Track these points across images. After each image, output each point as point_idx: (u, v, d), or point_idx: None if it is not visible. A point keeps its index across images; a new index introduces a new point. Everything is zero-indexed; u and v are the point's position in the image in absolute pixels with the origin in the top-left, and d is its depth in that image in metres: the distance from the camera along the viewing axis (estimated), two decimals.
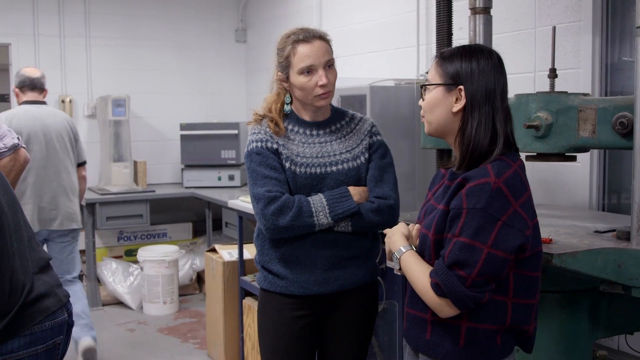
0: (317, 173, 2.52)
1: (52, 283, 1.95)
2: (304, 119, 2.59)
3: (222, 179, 6.29)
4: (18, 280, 1.82)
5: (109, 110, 5.99)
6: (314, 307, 2.55)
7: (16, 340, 1.76)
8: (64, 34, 6.43)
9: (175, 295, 5.84)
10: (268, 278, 2.57)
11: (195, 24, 6.97)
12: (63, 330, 1.91)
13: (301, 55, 2.47)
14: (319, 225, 2.45)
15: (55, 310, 1.88)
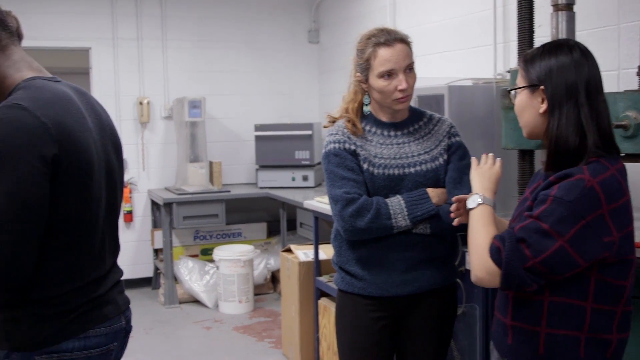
0: (395, 174, 2.50)
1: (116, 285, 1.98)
2: (381, 119, 2.57)
3: (296, 180, 6.33)
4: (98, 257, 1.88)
5: (185, 112, 6.09)
6: (391, 309, 2.53)
7: (71, 341, 1.79)
8: (142, 37, 6.57)
9: (250, 295, 5.90)
10: (346, 279, 2.57)
11: (269, 25, 7.03)
12: (118, 337, 1.92)
13: (382, 59, 2.44)
14: (397, 228, 2.43)
15: (113, 317, 1.90)
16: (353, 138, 2.52)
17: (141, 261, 6.54)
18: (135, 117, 6.50)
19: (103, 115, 1.97)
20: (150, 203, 6.63)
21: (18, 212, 1.63)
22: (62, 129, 1.70)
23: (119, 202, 2.00)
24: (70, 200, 1.74)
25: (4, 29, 1.82)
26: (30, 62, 1.87)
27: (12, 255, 1.63)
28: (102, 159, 1.87)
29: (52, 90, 1.79)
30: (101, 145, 1.88)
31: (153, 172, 6.62)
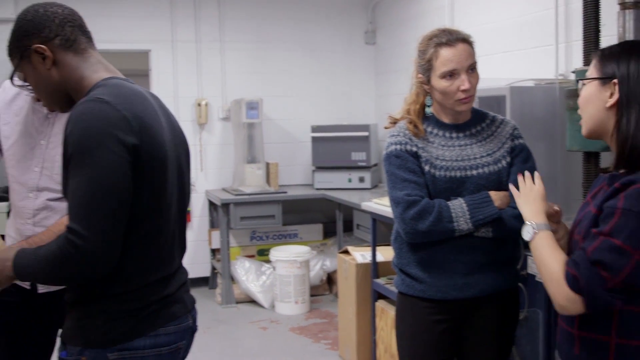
0: (457, 177, 2.47)
1: (184, 285, 2.01)
2: (443, 121, 2.54)
3: (352, 181, 6.32)
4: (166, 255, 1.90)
5: (243, 113, 6.13)
6: (452, 313, 2.51)
7: (142, 339, 1.82)
8: (200, 39, 6.64)
9: (306, 296, 5.91)
10: (406, 281, 2.55)
11: (325, 26, 7.03)
12: (186, 336, 1.96)
13: (444, 59, 2.42)
14: (459, 231, 2.40)
15: (181, 316, 1.93)
16: (415, 139, 2.50)
17: (199, 261, 6.61)
18: (194, 119, 6.58)
19: (172, 118, 2.02)
20: (207, 203, 6.70)
21: (104, 200, 1.68)
22: (140, 122, 1.76)
23: (187, 204, 2.04)
24: (147, 193, 1.78)
25: (83, 33, 1.91)
26: (107, 65, 1.94)
27: (100, 243, 1.68)
28: (174, 158, 1.91)
29: (129, 88, 1.86)
30: (173, 146, 1.92)
31: (211, 173, 6.68)
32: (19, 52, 1.88)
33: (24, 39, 1.86)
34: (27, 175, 2.52)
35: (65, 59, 1.87)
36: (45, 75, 1.88)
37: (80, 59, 1.88)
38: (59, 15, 1.88)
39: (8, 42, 1.92)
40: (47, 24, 1.85)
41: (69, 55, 1.87)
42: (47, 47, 1.85)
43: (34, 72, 1.89)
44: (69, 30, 1.87)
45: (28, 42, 1.85)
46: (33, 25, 1.85)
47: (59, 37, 1.85)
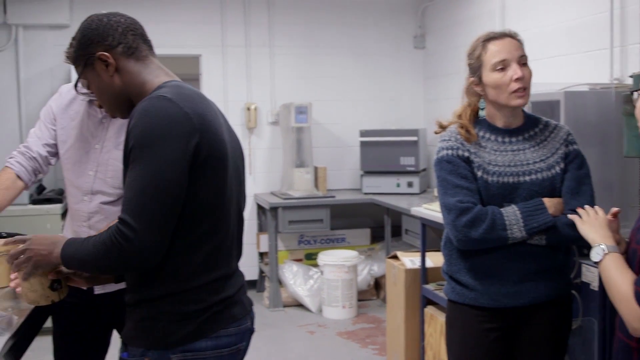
0: (509, 182, 2.44)
1: (242, 287, 2.03)
2: (496, 125, 2.51)
3: (400, 186, 6.29)
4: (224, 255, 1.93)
5: (292, 117, 6.16)
6: (504, 321, 2.47)
7: (204, 341, 1.84)
8: (249, 44, 6.69)
9: (354, 300, 5.90)
10: (456, 289, 2.52)
11: (374, 30, 7.02)
12: (245, 337, 1.98)
13: (493, 51, 2.40)
14: (512, 239, 2.37)
15: (241, 318, 1.95)
16: (466, 144, 2.47)
17: (247, 264, 6.62)
18: (243, 123, 6.62)
19: (228, 122, 2.05)
20: (256, 207, 6.74)
21: (158, 196, 1.72)
22: (202, 120, 1.80)
23: (243, 206, 2.08)
24: (206, 191, 1.82)
25: (144, 41, 1.98)
26: (167, 71, 2.00)
27: (149, 237, 1.71)
28: (233, 160, 1.94)
29: (190, 88, 1.91)
30: (231, 148, 1.95)
31: (259, 177, 6.72)
32: (83, 60, 1.94)
33: (89, 47, 1.92)
34: (81, 179, 2.57)
35: (127, 66, 1.92)
36: (108, 82, 1.93)
37: (142, 66, 1.94)
38: (122, 24, 1.94)
39: (73, 50, 1.99)
40: (111, 33, 1.91)
41: (131, 62, 1.92)
42: (110, 54, 1.90)
43: (98, 79, 1.94)
44: (131, 38, 1.93)
45: (92, 50, 1.91)
46: (97, 34, 1.91)
47: (122, 45, 1.91)
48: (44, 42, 6.24)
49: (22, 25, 6.15)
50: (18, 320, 2.08)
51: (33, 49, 6.23)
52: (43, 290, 2.00)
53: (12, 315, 2.05)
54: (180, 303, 1.82)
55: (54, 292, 2.02)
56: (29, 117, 6.18)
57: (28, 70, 6.23)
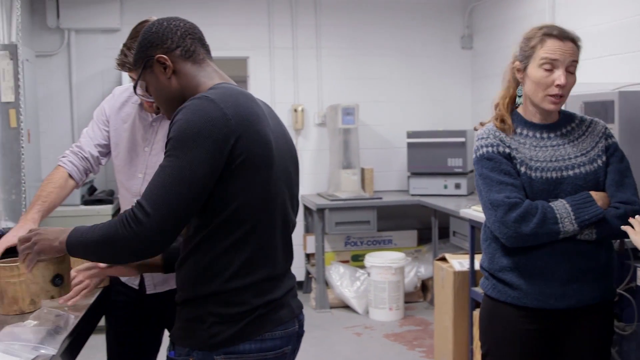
0: (553, 177, 2.40)
1: (290, 290, 2.01)
2: (532, 121, 2.47)
3: (448, 187, 6.25)
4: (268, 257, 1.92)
5: (339, 119, 6.16)
6: (548, 322, 2.42)
7: (248, 343, 1.84)
8: (297, 46, 6.72)
9: (400, 302, 5.88)
10: (497, 287, 2.47)
11: (421, 31, 6.98)
12: (292, 341, 1.96)
13: (548, 48, 2.35)
14: (564, 233, 2.32)
15: (287, 321, 1.94)
16: (506, 141, 2.44)
17: (294, 265, 6.58)
18: (290, 124, 6.65)
19: (282, 125, 2.06)
20: (303, 208, 6.76)
21: (179, 190, 1.74)
22: (242, 122, 1.81)
23: (294, 209, 2.05)
24: (249, 192, 1.82)
25: (202, 45, 2.01)
26: (222, 74, 2.02)
27: (158, 226, 1.74)
28: (282, 163, 1.94)
29: (238, 90, 1.92)
30: (281, 151, 1.95)
31: (306, 178, 6.74)
32: (142, 62, 1.98)
33: (148, 49, 1.96)
34: (132, 181, 2.61)
35: (184, 69, 1.95)
36: (165, 84, 1.96)
37: (198, 69, 1.97)
38: (181, 28, 1.97)
39: (134, 52, 2.03)
40: (170, 36, 1.95)
41: (188, 65, 1.96)
42: (168, 57, 1.94)
43: (156, 80, 1.98)
44: (189, 42, 1.96)
45: (151, 53, 1.95)
46: (157, 37, 1.95)
47: (180, 48, 1.95)
48: (95, 46, 6.36)
49: (74, 29, 6.28)
50: (74, 320, 2.11)
51: (84, 53, 6.36)
52: (44, 282, 2.03)
53: (69, 314, 2.09)
54: (223, 305, 1.84)
55: (55, 287, 2.03)
56: (80, 119, 6.31)
57: (80, 74, 6.36)
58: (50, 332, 1.93)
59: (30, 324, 1.99)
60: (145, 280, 2.64)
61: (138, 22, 2.53)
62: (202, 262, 1.85)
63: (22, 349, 1.80)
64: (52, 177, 2.63)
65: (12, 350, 1.79)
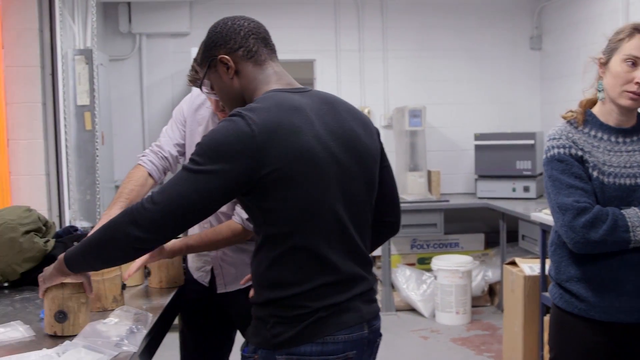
0: (627, 184, 2.31)
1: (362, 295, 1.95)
2: (608, 124, 2.39)
3: (516, 190, 6.16)
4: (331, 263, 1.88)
5: (406, 121, 6.14)
6: (617, 336, 2.34)
7: (309, 345, 1.83)
8: (363, 48, 6.72)
9: (467, 306, 5.81)
10: (565, 297, 2.40)
11: (489, 33, 6.90)
12: (358, 346, 1.91)
13: (634, 44, 2.28)
14: (635, 242, 2.24)
15: (353, 325, 1.89)
16: (579, 143, 2.36)
17: None
18: None
19: (352, 123, 1.97)
20: None
21: (190, 193, 1.76)
22: (271, 137, 1.77)
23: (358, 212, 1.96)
24: (287, 205, 1.79)
25: (265, 45, 2.00)
26: (281, 76, 1.99)
27: (161, 218, 1.77)
28: (337, 167, 1.87)
29: (279, 100, 1.87)
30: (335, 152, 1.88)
31: None
32: (207, 61, 2.01)
33: (212, 49, 1.98)
34: None
35: (245, 70, 1.96)
36: (228, 84, 1.98)
37: (258, 70, 1.96)
38: (245, 28, 1.97)
39: (199, 52, 2.06)
40: (233, 36, 1.96)
41: (249, 66, 1.96)
42: (230, 57, 1.95)
43: (219, 80, 2.00)
44: (252, 42, 1.96)
45: (215, 52, 1.98)
46: (221, 37, 1.97)
47: (242, 49, 1.95)
48: (165, 50, 6.49)
49: (145, 34, 6.43)
50: (153, 318, 2.16)
51: (155, 57, 6.50)
52: (50, 316, 2.05)
53: (148, 313, 2.13)
54: (283, 308, 1.83)
55: (58, 323, 2.03)
56: (150, 121, 6.46)
57: (150, 77, 6.50)
58: (131, 330, 1.98)
59: (112, 322, 2.04)
60: (217, 279, 2.68)
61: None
62: (259, 269, 1.87)
63: (105, 346, 1.85)
64: (132, 175, 2.69)
65: (95, 346, 1.84)
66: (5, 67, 4.11)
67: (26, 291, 2.64)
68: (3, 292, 2.65)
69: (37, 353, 1.84)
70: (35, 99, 4.21)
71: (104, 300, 2.27)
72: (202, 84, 2.10)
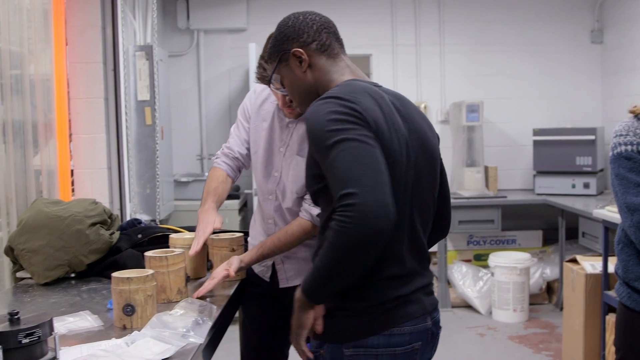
0: None
1: (423, 288, 1.97)
2: None
3: (576, 187, 6.05)
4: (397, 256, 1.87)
5: (463, 116, 6.08)
6: None
7: (376, 337, 1.84)
8: (420, 43, 6.68)
9: (525, 304, 5.73)
10: (633, 296, 2.35)
11: (548, 26, 6.78)
12: (423, 337, 1.92)
13: None
14: None
15: (417, 317, 1.90)
16: None
17: None
18: None
19: (421, 122, 1.98)
20: None
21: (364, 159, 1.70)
22: (370, 116, 1.78)
23: (425, 210, 1.96)
24: None
25: (337, 40, 2.03)
26: (354, 70, 2.02)
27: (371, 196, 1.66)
28: (409, 160, 1.87)
29: (364, 86, 1.89)
30: (410, 148, 1.88)
31: None
32: (278, 55, 2.02)
33: (284, 43, 2.00)
34: (267, 179, 2.66)
35: (319, 63, 1.98)
36: (300, 77, 2.00)
37: (332, 63, 1.98)
38: (317, 22, 2.00)
39: (268, 46, 2.07)
40: (306, 30, 1.98)
41: (323, 59, 1.98)
42: (304, 50, 1.97)
43: (291, 74, 2.02)
44: (325, 36, 1.99)
45: (288, 46, 1.99)
46: (293, 31, 1.99)
47: (316, 42, 1.97)
48: (223, 46, 6.56)
49: (203, 30, 6.50)
50: (217, 310, 2.18)
51: (212, 53, 6.57)
52: (118, 310, 2.08)
53: (212, 305, 2.15)
54: (350, 300, 1.84)
55: (126, 316, 2.06)
56: (207, 116, 6.54)
57: (208, 73, 6.57)
58: (197, 322, 2.01)
59: (177, 313, 2.07)
60: (278, 274, 2.70)
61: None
62: None
63: (172, 337, 1.88)
64: (212, 175, 2.76)
65: (163, 337, 1.87)
66: (69, 63, 4.19)
67: (92, 282, 2.70)
68: (70, 282, 2.71)
69: (107, 342, 1.88)
70: (98, 95, 4.28)
71: (169, 292, 2.30)
72: (271, 78, 2.11)
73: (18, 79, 3.41)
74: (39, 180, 3.61)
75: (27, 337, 1.66)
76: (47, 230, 2.70)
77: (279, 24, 2.05)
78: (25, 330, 1.66)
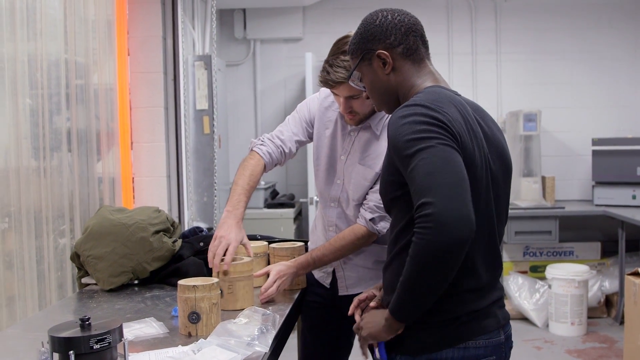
0: None
1: (497, 301, 1.94)
2: None
3: (637, 198, 5.92)
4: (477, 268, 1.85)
5: (520, 125, 6.01)
6: None
7: (450, 350, 1.82)
8: (476, 52, 6.63)
9: (583, 317, 5.62)
10: None
11: (607, 34, 6.65)
12: (497, 352, 1.89)
13: None
14: None
15: (492, 331, 1.87)
16: None
17: None
18: None
19: (498, 134, 1.96)
20: None
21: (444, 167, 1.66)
22: (455, 127, 1.75)
23: (500, 218, 1.94)
24: None
25: (423, 43, 1.97)
26: (436, 76, 1.96)
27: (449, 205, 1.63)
28: (488, 172, 1.85)
29: (448, 95, 1.85)
30: (490, 160, 1.87)
31: None
32: (361, 53, 1.96)
33: (370, 42, 1.94)
34: (329, 186, 2.66)
35: (403, 67, 1.92)
36: (382, 79, 1.94)
37: (416, 69, 1.92)
38: (405, 24, 1.92)
39: (351, 41, 2.01)
40: (394, 32, 1.90)
41: (407, 64, 1.92)
42: (389, 53, 1.91)
43: (373, 74, 1.96)
44: (412, 39, 1.92)
45: (372, 46, 1.93)
46: (381, 31, 1.91)
47: (402, 46, 1.90)
48: (278, 55, 6.61)
49: (259, 39, 6.56)
50: (280, 319, 2.20)
51: (268, 62, 6.62)
52: (184, 317, 2.10)
53: (276, 314, 2.17)
54: (426, 313, 1.80)
55: (191, 324, 2.09)
56: (263, 124, 6.59)
57: (264, 82, 6.63)
58: (261, 330, 2.02)
59: (242, 322, 2.08)
60: (338, 282, 2.70)
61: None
62: (401, 270, 1.76)
63: (238, 345, 1.90)
64: (247, 165, 2.65)
65: (228, 345, 1.89)
66: (131, 73, 4.28)
67: (155, 289, 2.74)
68: (134, 289, 2.76)
69: (174, 349, 1.91)
70: (158, 104, 4.35)
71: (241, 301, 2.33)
72: (351, 75, 2.05)
73: (83, 88, 3.49)
74: (100, 187, 3.69)
75: (98, 343, 1.69)
76: (112, 238, 2.75)
77: (366, 19, 1.98)
78: (97, 336, 1.69)
